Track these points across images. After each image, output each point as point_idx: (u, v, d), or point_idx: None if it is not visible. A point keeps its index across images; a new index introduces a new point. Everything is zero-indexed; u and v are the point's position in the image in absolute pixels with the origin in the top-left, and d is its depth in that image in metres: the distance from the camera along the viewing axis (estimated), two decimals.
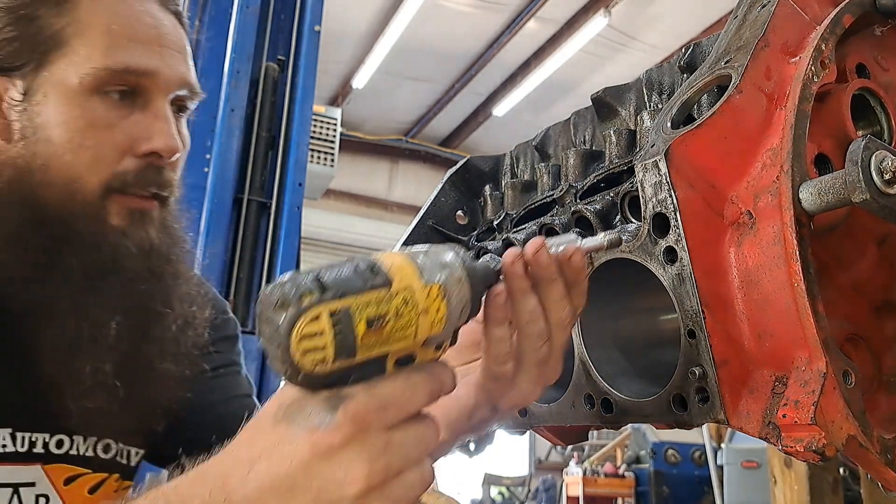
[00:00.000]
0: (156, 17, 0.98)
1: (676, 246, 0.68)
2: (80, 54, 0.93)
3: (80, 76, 0.92)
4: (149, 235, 0.97)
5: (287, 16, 3.33)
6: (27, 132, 0.94)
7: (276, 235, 3.05)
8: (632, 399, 0.78)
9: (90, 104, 0.93)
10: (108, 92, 0.93)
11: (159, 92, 0.96)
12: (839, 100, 0.75)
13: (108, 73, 0.92)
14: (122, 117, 0.95)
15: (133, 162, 0.95)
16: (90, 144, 0.93)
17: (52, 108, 0.93)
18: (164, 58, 0.97)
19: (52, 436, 0.97)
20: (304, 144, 3.20)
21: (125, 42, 0.94)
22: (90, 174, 0.93)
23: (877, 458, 0.67)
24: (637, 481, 8.90)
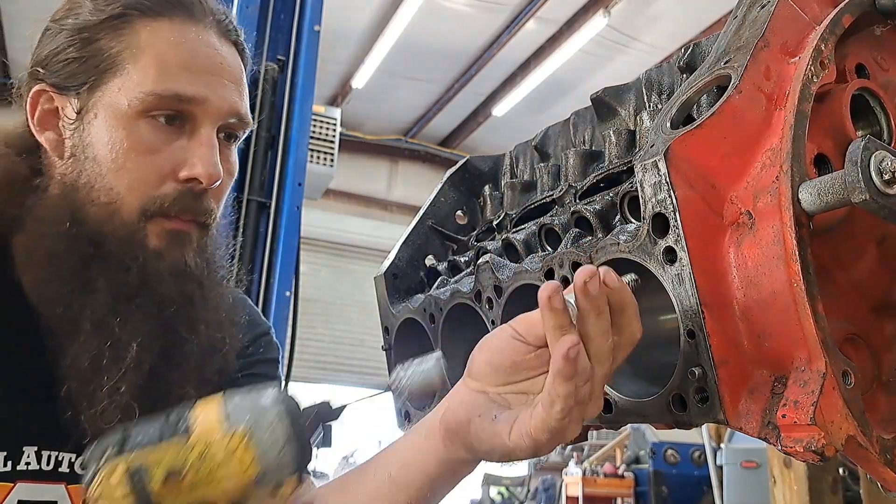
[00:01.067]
0: (212, 47, 0.99)
1: (676, 246, 0.68)
2: (132, 79, 0.95)
3: (129, 99, 0.94)
4: (184, 257, 0.99)
5: (287, 15, 3.32)
6: (77, 150, 0.97)
7: (276, 235, 3.05)
8: (631, 399, 0.78)
9: (136, 127, 0.95)
10: (155, 116, 0.95)
11: (207, 119, 0.97)
12: (839, 100, 0.75)
13: (156, 99, 0.94)
14: (166, 142, 0.96)
15: (173, 187, 0.96)
16: (131, 167, 0.95)
17: (101, 129, 0.95)
18: (215, 87, 0.98)
19: (78, 456, 0.98)
20: (303, 144, 3.20)
21: (176, 69, 0.96)
22: (130, 196, 0.95)
23: (876, 458, 0.67)
24: (636, 481, 8.89)
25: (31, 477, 0.95)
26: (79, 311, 0.93)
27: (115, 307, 0.94)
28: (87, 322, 0.93)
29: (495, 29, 9.22)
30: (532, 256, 0.95)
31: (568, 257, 0.82)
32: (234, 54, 1.03)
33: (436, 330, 1.03)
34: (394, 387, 0.72)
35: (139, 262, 0.95)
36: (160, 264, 0.96)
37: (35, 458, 0.96)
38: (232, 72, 1.01)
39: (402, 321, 1.11)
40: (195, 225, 1.00)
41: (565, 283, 0.83)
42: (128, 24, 0.97)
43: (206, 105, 0.97)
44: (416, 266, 1.20)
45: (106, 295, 0.94)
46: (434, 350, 1.03)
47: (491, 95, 10.76)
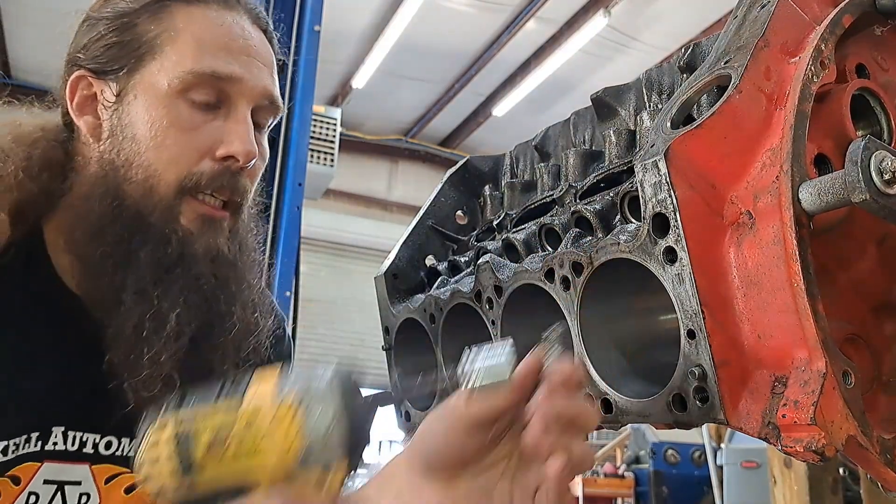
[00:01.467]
0: (246, 30, 1.04)
1: (676, 246, 0.68)
2: (171, 59, 0.98)
3: (168, 79, 0.98)
4: (216, 243, 1.01)
5: (287, 16, 3.32)
6: (115, 131, 1.00)
7: (276, 235, 3.05)
8: (631, 399, 0.78)
9: (175, 106, 0.98)
10: (193, 96, 0.98)
11: (242, 99, 1.01)
12: (839, 100, 0.75)
13: (195, 77, 0.98)
14: (204, 121, 0.99)
15: (210, 164, 0.99)
16: (170, 143, 0.98)
17: (140, 109, 0.99)
18: (251, 67, 1.02)
19: (103, 437, 0.99)
20: (303, 144, 3.20)
21: (214, 49, 0.99)
22: (167, 172, 0.98)
23: (876, 458, 0.67)
24: (637, 481, 8.88)
25: (58, 457, 0.97)
26: (121, 283, 0.96)
27: (157, 277, 0.96)
28: (130, 293, 0.96)
29: (495, 29, 9.22)
30: (532, 256, 0.95)
31: (568, 257, 0.82)
32: (265, 41, 1.08)
33: (436, 330, 1.03)
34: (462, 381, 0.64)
35: (178, 236, 0.98)
36: (193, 243, 0.99)
37: (62, 438, 0.97)
38: (264, 55, 1.06)
39: (403, 321, 1.11)
40: (229, 207, 1.02)
41: (565, 283, 0.83)
42: (165, 9, 1.01)
43: (241, 85, 1.00)
44: (417, 266, 1.20)
45: (147, 266, 0.96)
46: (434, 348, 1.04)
47: (491, 95, 10.76)
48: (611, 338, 0.84)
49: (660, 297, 0.71)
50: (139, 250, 0.97)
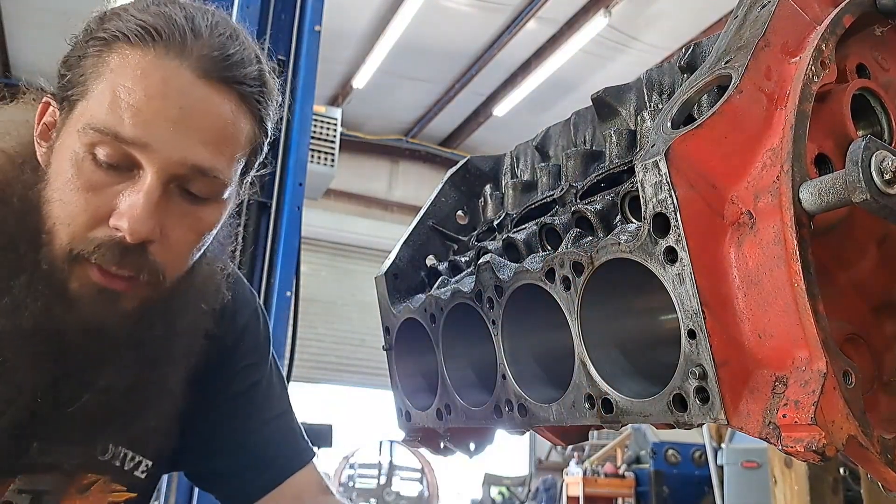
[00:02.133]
0: (181, 87, 0.88)
1: (676, 246, 0.68)
2: (90, 107, 0.89)
3: (79, 129, 0.88)
4: (101, 318, 0.91)
5: (287, 16, 3.32)
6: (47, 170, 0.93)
7: (277, 235, 3.05)
8: (632, 399, 0.78)
9: (81, 160, 0.88)
10: (98, 154, 0.88)
11: (150, 168, 0.88)
12: (839, 100, 0.75)
13: (97, 135, 0.87)
14: (108, 184, 0.88)
15: (104, 232, 0.89)
16: (68, 200, 0.89)
17: (59, 154, 0.91)
18: (166, 133, 0.87)
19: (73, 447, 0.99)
20: (304, 144, 3.20)
21: (124, 107, 0.87)
22: (61, 231, 0.89)
23: (877, 458, 0.67)
24: (637, 481, 8.89)
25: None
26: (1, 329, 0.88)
27: (12, 341, 0.89)
28: (5, 355, 0.89)
29: (496, 29, 9.22)
30: (533, 256, 0.95)
31: (569, 257, 0.82)
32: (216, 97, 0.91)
33: (436, 330, 1.03)
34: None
35: (60, 305, 0.90)
36: (71, 315, 0.90)
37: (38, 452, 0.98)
38: (200, 118, 0.89)
39: (403, 321, 1.11)
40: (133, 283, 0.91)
41: (565, 283, 0.83)
42: (108, 48, 0.90)
43: (149, 152, 0.87)
44: (417, 266, 1.20)
45: (22, 326, 0.89)
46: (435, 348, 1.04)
47: (491, 95, 10.76)
48: (611, 338, 0.84)
49: (660, 296, 0.71)
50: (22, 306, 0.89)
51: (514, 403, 0.92)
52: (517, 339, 0.94)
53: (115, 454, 1.06)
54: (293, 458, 1.22)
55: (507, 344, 0.93)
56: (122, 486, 1.08)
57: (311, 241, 10.29)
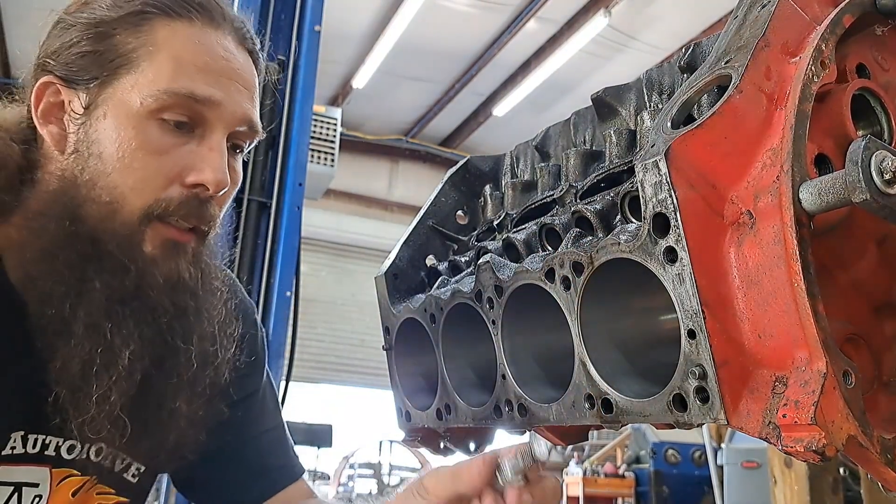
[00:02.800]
0: (228, 51, 0.98)
1: (676, 246, 0.68)
2: (146, 76, 0.93)
3: (142, 97, 0.92)
4: (178, 269, 0.96)
5: (287, 16, 3.32)
6: (81, 146, 0.94)
7: (277, 235, 3.05)
8: (632, 399, 0.78)
9: (146, 127, 0.93)
10: (167, 118, 0.93)
11: (219, 124, 0.96)
12: (839, 100, 0.75)
13: (171, 97, 0.92)
14: (176, 145, 0.94)
15: (179, 191, 0.94)
16: (138, 167, 0.92)
17: (109, 126, 0.93)
18: (230, 91, 0.96)
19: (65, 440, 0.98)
20: (304, 144, 3.20)
21: (193, 70, 0.94)
22: (133, 196, 0.93)
23: (877, 458, 0.67)
24: (637, 481, 8.89)
25: (16, 460, 0.95)
26: (72, 311, 0.91)
27: (110, 311, 0.91)
28: (80, 324, 0.91)
29: (496, 29, 9.23)
30: (533, 256, 0.95)
31: (568, 257, 0.82)
32: (250, 62, 1.02)
33: (436, 330, 1.03)
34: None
35: (137, 266, 0.93)
36: (156, 271, 0.94)
37: (21, 441, 0.95)
38: (247, 79, 1.00)
39: (403, 321, 1.11)
40: (194, 234, 0.98)
41: (565, 283, 0.83)
42: (146, 22, 0.95)
43: (219, 109, 0.95)
44: (417, 266, 1.20)
45: (101, 297, 0.91)
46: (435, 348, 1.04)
47: (491, 95, 10.77)
48: (611, 337, 0.84)
49: (660, 296, 0.71)
50: (93, 279, 0.92)
51: (514, 403, 0.92)
52: (517, 339, 0.94)
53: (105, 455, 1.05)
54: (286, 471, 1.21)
55: (506, 344, 0.93)
56: (110, 488, 1.07)
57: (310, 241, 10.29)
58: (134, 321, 0.93)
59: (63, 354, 0.91)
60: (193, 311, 1.00)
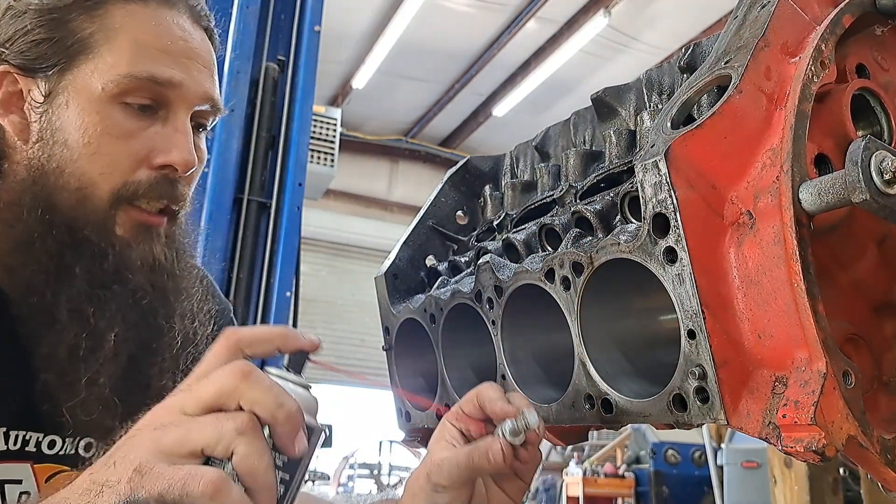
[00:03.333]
0: (186, 31, 0.98)
1: (676, 246, 0.68)
2: (106, 61, 0.93)
3: (103, 83, 0.92)
4: (153, 251, 0.97)
5: (287, 16, 3.32)
6: (45, 134, 0.94)
7: (276, 235, 3.05)
8: (632, 399, 0.78)
9: (110, 112, 0.93)
10: (130, 101, 0.93)
11: (182, 105, 0.96)
12: (839, 100, 0.75)
13: (132, 81, 0.93)
14: (141, 128, 0.94)
15: (147, 173, 0.95)
16: (106, 152, 0.93)
17: (72, 113, 0.93)
18: (190, 71, 0.97)
19: (46, 436, 0.97)
20: (304, 144, 3.20)
21: (152, 52, 0.94)
22: (102, 181, 0.93)
23: (877, 458, 0.67)
24: (637, 481, 8.89)
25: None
26: (54, 299, 0.91)
27: (92, 295, 0.92)
28: (64, 311, 0.91)
29: (496, 29, 9.23)
30: (532, 256, 0.95)
31: (568, 257, 0.82)
32: (206, 39, 1.02)
33: (436, 330, 1.03)
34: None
35: (114, 250, 0.94)
36: (131, 254, 0.95)
37: (3, 438, 0.94)
38: (205, 57, 1.00)
39: (403, 321, 1.11)
40: (165, 215, 0.99)
41: (565, 283, 0.83)
42: (101, 6, 0.95)
43: (181, 89, 0.95)
44: (417, 266, 1.20)
45: (83, 283, 0.92)
46: (435, 348, 1.04)
47: (491, 96, 10.77)
48: (611, 338, 0.84)
49: (660, 297, 0.71)
50: (73, 266, 0.92)
51: None
52: (517, 340, 0.94)
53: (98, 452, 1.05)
54: None
55: (506, 344, 0.93)
56: None
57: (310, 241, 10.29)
58: (116, 304, 0.93)
59: (49, 341, 0.91)
60: (172, 290, 1.00)
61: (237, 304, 2.91)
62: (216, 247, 2.93)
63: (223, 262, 2.95)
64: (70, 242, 0.93)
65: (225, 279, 2.94)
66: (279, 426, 0.67)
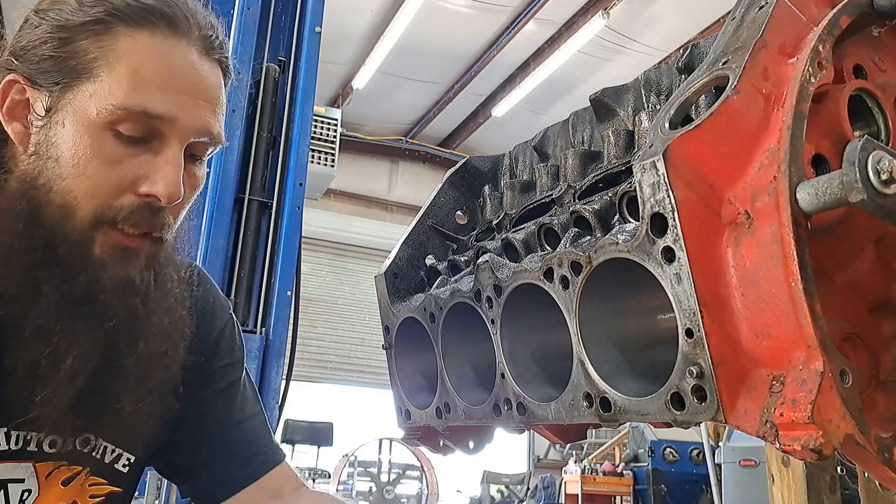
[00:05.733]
0: (190, 65, 0.98)
1: (674, 246, 0.69)
2: (104, 87, 0.93)
3: (97, 109, 0.93)
4: (128, 273, 0.97)
5: (287, 17, 3.32)
6: (40, 148, 0.96)
7: (277, 235, 3.05)
8: (630, 398, 0.78)
9: (101, 137, 0.93)
10: (122, 129, 0.93)
11: (174, 137, 0.96)
12: (836, 100, 0.75)
13: (125, 113, 0.93)
14: (130, 155, 0.95)
15: (131, 199, 0.95)
16: (91, 174, 0.93)
17: (67, 132, 0.94)
18: (187, 106, 0.96)
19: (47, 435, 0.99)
20: (304, 145, 3.20)
21: (151, 86, 0.94)
22: (85, 202, 0.94)
23: (874, 456, 0.67)
24: (635, 480, 8.90)
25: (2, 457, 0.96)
26: (22, 314, 0.92)
27: (59, 316, 0.92)
28: (29, 327, 0.92)
29: (495, 30, 9.23)
30: (531, 256, 0.95)
31: (567, 257, 0.82)
32: (215, 72, 1.02)
33: (436, 329, 1.04)
34: None
35: (87, 272, 0.94)
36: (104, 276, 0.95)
37: (4, 438, 0.96)
38: (209, 91, 0.99)
39: (403, 320, 1.11)
40: (147, 239, 0.99)
41: (564, 282, 0.83)
42: (109, 31, 0.95)
43: (175, 124, 0.95)
44: (417, 265, 1.20)
45: (50, 301, 0.92)
46: (434, 347, 1.04)
47: (491, 96, 10.76)
48: (609, 337, 0.84)
49: (658, 296, 0.72)
50: (44, 283, 0.93)
51: (513, 402, 0.92)
52: (516, 338, 0.94)
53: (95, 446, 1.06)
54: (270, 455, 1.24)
55: (505, 343, 0.93)
56: (102, 479, 1.08)
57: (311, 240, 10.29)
58: (83, 325, 0.94)
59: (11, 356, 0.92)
60: (143, 312, 1.00)
61: (238, 303, 2.91)
62: (217, 246, 2.93)
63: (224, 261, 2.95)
64: (45, 259, 0.93)
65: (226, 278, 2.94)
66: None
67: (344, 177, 10.23)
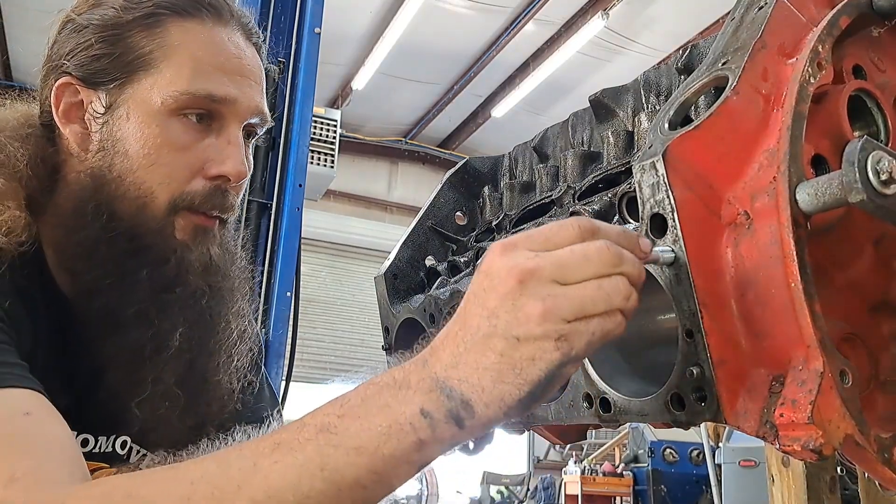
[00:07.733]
0: (239, 48, 1.03)
1: (674, 246, 0.69)
2: (165, 77, 0.97)
3: (162, 98, 0.96)
4: (210, 252, 1.02)
5: (287, 18, 3.32)
6: (106, 145, 0.99)
7: (277, 236, 3.05)
8: (630, 398, 0.78)
9: (168, 124, 0.97)
10: (186, 115, 0.97)
11: (234, 119, 1.01)
12: (836, 101, 0.75)
13: (190, 98, 0.97)
14: (197, 140, 0.99)
15: (202, 183, 0.99)
16: (164, 162, 0.97)
17: (133, 125, 0.98)
18: (243, 87, 1.01)
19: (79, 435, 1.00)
20: (304, 146, 3.20)
21: (209, 69, 0.98)
22: (160, 190, 0.98)
23: (874, 456, 0.67)
24: (635, 480, 8.90)
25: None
26: (117, 304, 0.96)
27: (156, 298, 0.97)
28: (128, 314, 0.96)
29: (494, 31, 9.23)
30: None
31: None
32: (256, 55, 1.07)
33: (436, 330, 1.04)
34: None
35: (176, 255, 0.98)
36: (191, 257, 1.00)
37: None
38: (256, 72, 1.05)
39: (403, 321, 1.11)
40: (217, 220, 1.03)
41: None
42: (159, 23, 0.99)
43: (235, 105, 1.00)
44: (416, 266, 1.20)
45: (146, 288, 0.96)
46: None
47: (490, 97, 10.77)
48: None
49: (658, 296, 0.72)
50: (136, 272, 0.97)
51: None
52: None
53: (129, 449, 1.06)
54: None
55: None
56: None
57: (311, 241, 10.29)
58: (179, 306, 0.98)
59: (114, 342, 0.96)
60: (227, 290, 1.05)
61: None
62: None
63: None
64: (132, 249, 0.97)
65: None
66: None
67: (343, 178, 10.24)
